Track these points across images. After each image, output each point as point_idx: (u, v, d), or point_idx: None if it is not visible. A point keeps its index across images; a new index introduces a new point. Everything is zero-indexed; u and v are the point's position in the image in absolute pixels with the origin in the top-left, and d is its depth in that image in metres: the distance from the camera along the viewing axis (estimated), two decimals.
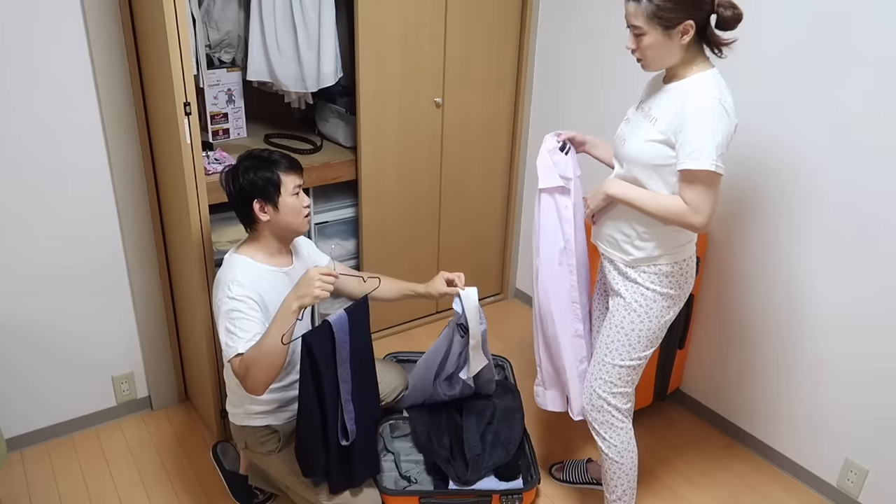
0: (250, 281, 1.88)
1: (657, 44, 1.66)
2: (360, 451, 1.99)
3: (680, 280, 1.86)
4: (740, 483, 2.45)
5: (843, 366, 2.24)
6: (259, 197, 1.90)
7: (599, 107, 2.85)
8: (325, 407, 1.88)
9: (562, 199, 2.02)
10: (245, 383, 1.81)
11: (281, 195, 1.91)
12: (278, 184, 1.90)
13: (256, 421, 2.03)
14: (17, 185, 2.19)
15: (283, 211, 1.92)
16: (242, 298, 1.84)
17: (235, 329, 1.82)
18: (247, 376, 1.79)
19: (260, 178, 1.89)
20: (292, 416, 2.04)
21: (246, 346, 1.81)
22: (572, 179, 2.04)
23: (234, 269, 1.90)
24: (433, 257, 3.19)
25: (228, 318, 1.84)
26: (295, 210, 1.94)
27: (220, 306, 1.86)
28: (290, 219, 1.94)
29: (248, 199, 1.90)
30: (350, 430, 1.94)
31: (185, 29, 1.94)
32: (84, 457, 2.45)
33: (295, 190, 1.93)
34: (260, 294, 1.88)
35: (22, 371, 2.39)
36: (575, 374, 2.12)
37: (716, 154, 1.62)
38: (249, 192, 1.90)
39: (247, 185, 1.90)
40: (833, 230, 2.17)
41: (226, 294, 1.85)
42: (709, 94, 1.65)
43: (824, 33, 2.06)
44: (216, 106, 2.65)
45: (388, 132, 2.79)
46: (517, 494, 2.20)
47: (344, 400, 1.92)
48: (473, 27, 2.87)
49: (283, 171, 1.91)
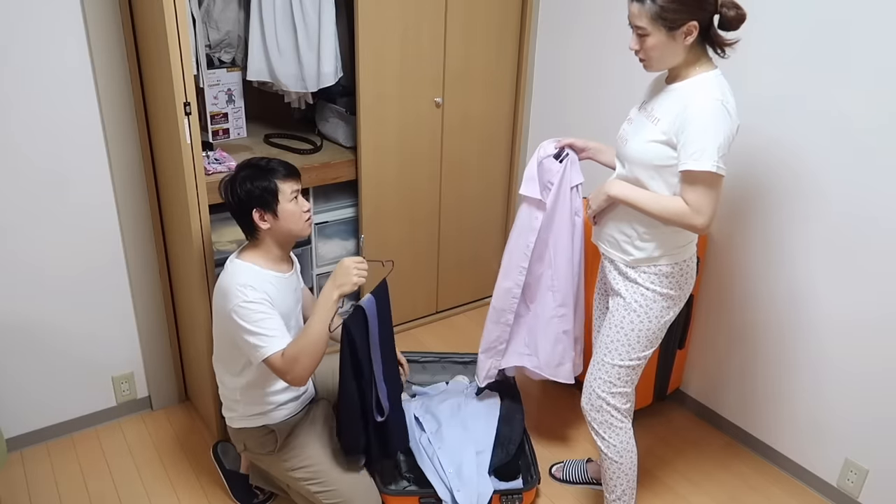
0: (259, 284, 1.89)
1: (661, 45, 1.66)
2: (393, 425, 2.08)
3: (680, 281, 1.86)
4: (740, 483, 2.45)
5: (843, 366, 2.24)
6: (258, 206, 1.90)
7: (599, 107, 2.85)
8: (364, 388, 1.95)
9: (536, 211, 2.19)
10: (290, 376, 1.85)
11: (279, 202, 1.91)
12: (275, 191, 1.90)
13: (253, 422, 2.03)
14: (16, 186, 2.19)
15: (283, 218, 1.92)
16: (259, 301, 1.86)
17: (264, 329, 1.84)
18: (294, 368, 1.83)
19: (257, 188, 1.89)
20: (288, 414, 2.05)
21: (281, 343, 1.84)
22: (555, 186, 2.13)
23: (242, 275, 1.90)
24: (433, 257, 3.19)
25: (251, 321, 1.84)
26: (294, 216, 1.94)
27: (239, 312, 1.85)
28: (291, 225, 1.95)
29: (247, 208, 1.91)
30: (384, 407, 2.01)
31: (185, 29, 1.94)
32: (84, 457, 2.45)
33: (293, 195, 1.93)
34: (269, 295, 1.89)
35: (22, 371, 2.39)
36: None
37: (717, 155, 1.62)
38: (247, 201, 1.90)
39: (244, 195, 1.90)
40: (834, 230, 2.17)
41: (242, 299, 1.85)
42: (711, 95, 1.65)
43: (826, 34, 2.06)
44: (216, 106, 2.65)
45: (388, 132, 2.79)
46: (517, 494, 2.20)
47: (377, 379, 2.00)
48: (473, 27, 2.87)
49: (279, 179, 1.91)
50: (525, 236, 2.23)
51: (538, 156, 2.13)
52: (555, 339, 2.35)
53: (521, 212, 2.23)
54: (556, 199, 2.16)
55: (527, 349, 2.40)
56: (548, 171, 2.13)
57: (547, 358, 2.37)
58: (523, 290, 2.31)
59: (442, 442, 2.30)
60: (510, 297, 2.31)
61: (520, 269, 2.27)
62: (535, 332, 2.36)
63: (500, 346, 2.39)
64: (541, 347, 2.36)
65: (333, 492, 2.01)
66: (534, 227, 2.20)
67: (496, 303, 2.35)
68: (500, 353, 2.40)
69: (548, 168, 2.13)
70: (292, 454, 2.03)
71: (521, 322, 2.38)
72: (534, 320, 2.36)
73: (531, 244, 2.22)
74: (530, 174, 2.14)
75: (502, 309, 2.34)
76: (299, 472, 2.02)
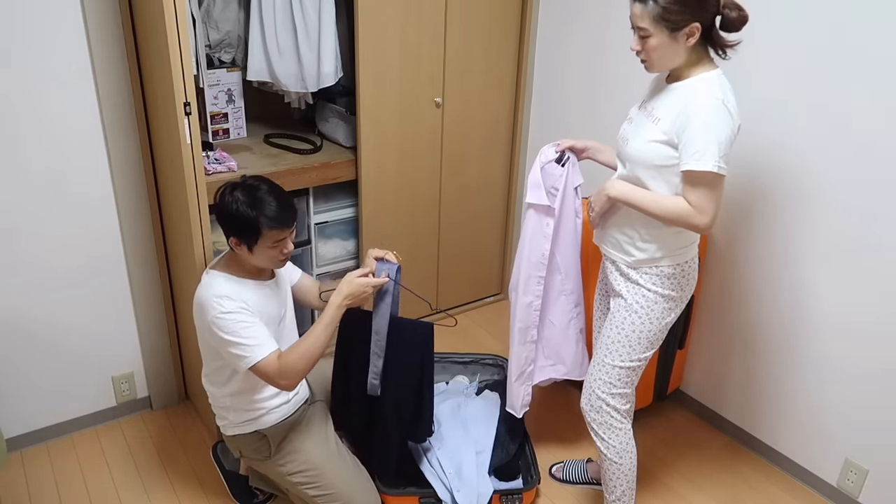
0: (236, 293, 1.86)
1: (663, 46, 1.65)
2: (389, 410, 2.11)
3: (682, 282, 1.86)
4: (741, 483, 2.45)
5: (844, 366, 2.24)
6: (235, 235, 1.86)
7: (600, 107, 2.84)
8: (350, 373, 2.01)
9: (546, 218, 2.12)
10: (285, 381, 1.86)
11: (257, 244, 1.85)
12: (258, 234, 1.83)
13: (245, 429, 2.02)
14: (16, 186, 2.19)
15: (257, 255, 1.88)
16: (237, 310, 1.83)
17: (244, 339, 1.82)
18: (290, 374, 1.84)
19: (242, 220, 1.82)
20: (280, 417, 2.04)
21: (266, 349, 1.82)
22: (560, 191, 2.10)
23: (217, 286, 1.87)
24: (433, 257, 3.19)
25: (230, 331, 1.82)
26: (269, 258, 1.90)
27: (217, 324, 1.83)
28: (262, 263, 1.92)
29: (227, 229, 1.87)
30: (372, 384, 2.06)
31: (185, 29, 1.94)
32: (84, 457, 2.45)
33: (274, 244, 1.86)
34: (247, 302, 1.87)
35: (22, 371, 2.39)
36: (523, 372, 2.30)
37: (718, 155, 1.61)
38: (228, 224, 1.86)
39: (229, 216, 1.85)
40: (836, 231, 2.17)
41: (219, 311, 1.82)
42: (712, 95, 1.64)
43: (829, 35, 2.06)
44: (216, 106, 2.65)
45: (388, 132, 2.79)
46: (517, 494, 2.20)
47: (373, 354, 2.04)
48: (473, 27, 2.87)
49: (267, 227, 1.82)
50: (539, 246, 2.15)
51: (540, 161, 2.09)
52: (576, 341, 2.35)
53: (530, 220, 2.13)
54: (562, 203, 2.13)
55: (549, 360, 2.36)
56: (551, 175, 2.10)
57: (573, 361, 2.36)
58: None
59: (442, 442, 2.30)
60: (532, 310, 2.23)
61: (538, 280, 2.19)
62: (553, 341, 2.33)
63: (529, 368, 2.31)
64: (565, 353, 2.35)
65: (332, 494, 2.01)
66: (546, 234, 2.13)
67: (519, 323, 2.23)
68: (530, 375, 2.33)
69: (550, 173, 2.10)
70: (288, 459, 2.02)
71: (537, 336, 2.34)
72: (549, 329, 2.31)
73: (546, 252, 2.15)
74: (535, 181, 2.08)
75: (526, 327, 2.25)
76: (297, 476, 2.02)
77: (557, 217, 2.13)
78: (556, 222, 2.13)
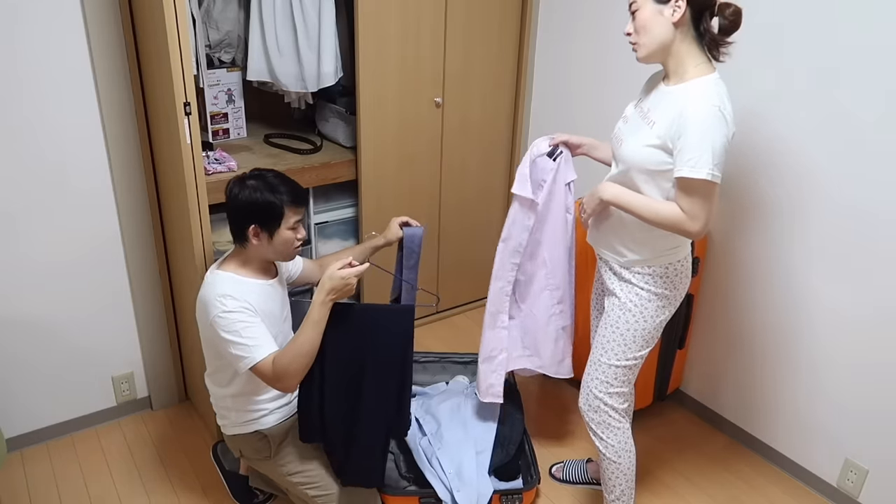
0: (240, 293, 1.87)
1: (650, 18, 1.66)
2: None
3: (675, 281, 1.86)
4: (740, 483, 2.45)
5: (843, 365, 2.24)
6: (257, 222, 1.87)
7: (600, 107, 2.84)
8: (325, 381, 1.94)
9: (528, 211, 2.16)
10: (281, 383, 1.85)
11: (280, 227, 1.89)
12: (281, 215, 1.87)
13: (245, 429, 2.02)
14: (16, 187, 2.19)
15: (276, 242, 1.90)
16: (239, 310, 1.84)
17: (245, 339, 1.83)
18: (284, 376, 1.83)
19: (264, 204, 1.86)
20: (280, 418, 2.04)
21: (266, 350, 1.83)
22: (548, 184, 2.12)
23: (220, 285, 1.88)
24: (433, 257, 3.19)
25: (232, 331, 1.83)
26: (287, 243, 1.93)
27: (219, 323, 1.83)
28: (280, 250, 1.94)
29: (246, 220, 1.88)
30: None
31: (185, 29, 1.94)
32: (84, 457, 2.45)
33: (294, 224, 1.91)
34: (251, 303, 1.87)
35: (22, 371, 2.39)
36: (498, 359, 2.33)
37: (713, 163, 1.61)
38: (248, 214, 1.88)
39: (247, 205, 1.87)
40: (835, 230, 2.17)
41: (221, 310, 1.83)
42: (709, 102, 1.63)
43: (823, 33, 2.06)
44: (216, 106, 2.65)
45: (388, 132, 2.79)
46: (517, 494, 2.20)
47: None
48: (473, 27, 2.87)
49: (288, 206, 1.88)
50: (517, 235, 2.20)
51: (531, 154, 2.11)
52: (555, 337, 2.35)
53: (513, 211, 2.18)
54: (550, 197, 2.15)
55: (527, 350, 2.39)
56: (541, 169, 2.11)
57: (549, 357, 2.37)
58: (515, 288, 2.30)
59: (442, 442, 2.30)
60: (503, 295, 2.28)
61: (511, 266, 2.25)
62: (533, 333, 2.36)
63: (501, 356, 2.33)
64: (542, 347, 2.36)
65: (332, 494, 2.01)
66: (527, 225, 2.18)
67: (491, 306, 2.30)
68: (501, 363, 2.34)
69: (541, 166, 2.11)
70: (288, 459, 2.02)
71: (516, 324, 2.37)
72: (531, 321, 2.35)
73: (523, 242, 2.21)
74: (523, 173, 2.11)
75: (497, 311, 2.30)
76: (297, 476, 2.02)
77: (543, 211, 2.16)
78: (540, 216, 2.17)
